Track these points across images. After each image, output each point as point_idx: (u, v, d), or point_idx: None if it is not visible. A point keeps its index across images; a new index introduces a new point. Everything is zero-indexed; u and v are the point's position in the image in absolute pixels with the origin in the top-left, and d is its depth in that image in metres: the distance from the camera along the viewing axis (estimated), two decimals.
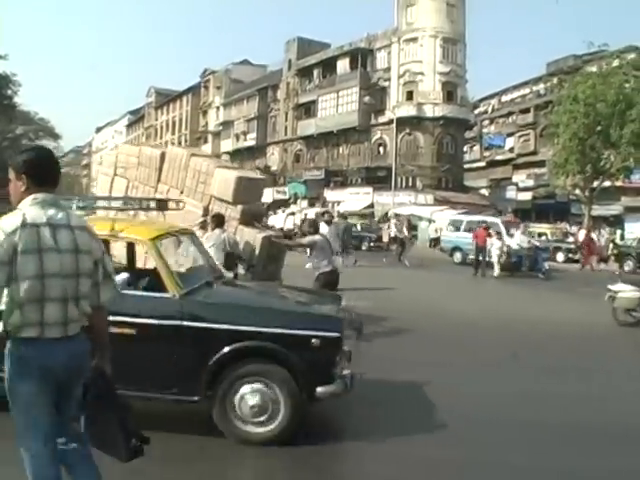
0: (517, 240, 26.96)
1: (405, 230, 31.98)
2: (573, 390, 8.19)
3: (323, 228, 14.88)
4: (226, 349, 5.78)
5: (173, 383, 5.88)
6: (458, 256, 31.70)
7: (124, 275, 5.96)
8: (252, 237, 10.87)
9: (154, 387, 5.91)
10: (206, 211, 10.98)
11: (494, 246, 25.67)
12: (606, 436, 6.42)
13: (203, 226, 10.67)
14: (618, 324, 13.98)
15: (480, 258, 26.05)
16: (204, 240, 9.65)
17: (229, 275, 9.77)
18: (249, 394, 5.79)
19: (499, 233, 26.95)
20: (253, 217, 11.41)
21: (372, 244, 39.07)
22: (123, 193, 12.02)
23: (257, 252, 10.76)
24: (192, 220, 10.57)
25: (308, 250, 12.40)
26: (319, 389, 5.86)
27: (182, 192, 11.37)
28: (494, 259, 25.58)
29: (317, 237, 11.08)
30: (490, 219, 32.32)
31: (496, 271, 25.38)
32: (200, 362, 5.79)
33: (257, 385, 5.80)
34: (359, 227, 41.68)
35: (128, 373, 5.27)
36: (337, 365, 6.08)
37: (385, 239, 36.00)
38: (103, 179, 13.08)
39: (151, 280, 6.42)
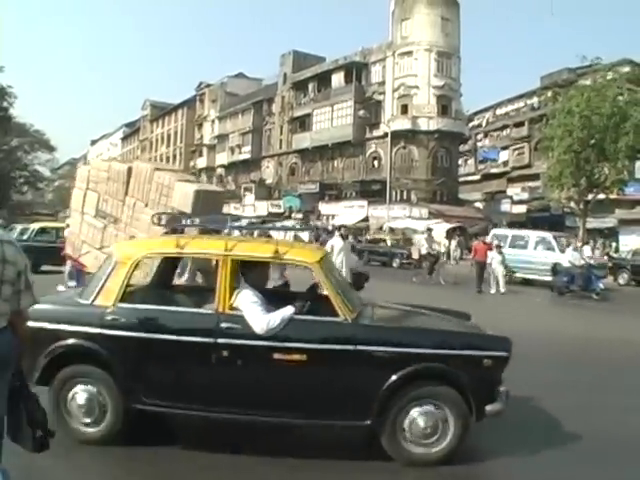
0: (569, 257, 24.53)
1: (436, 245, 30.18)
2: None
3: (337, 242, 15.35)
4: (401, 372, 5.76)
5: (345, 408, 5.86)
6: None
7: (290, 309, 5.83)
8: None
9: (325, 414, 5.95)
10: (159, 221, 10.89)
11: (494, 260, 24.40)
12: None
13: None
14: None
15: (486, 274, 24.86)
16: None
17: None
18: (420, 416, 5.80)
19: (499, 247, 25.64)
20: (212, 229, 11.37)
21: (404, 261, 37.10)
22: (94, 206, 12.54)
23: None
24: (155, 232, 10.46)
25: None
26: (488, 407, 5.90)
27: (147, 205, 11.79)
28: (497, 274, 24.38)
29: None
30: (540, 234, 30.69)
31: (501, 287, 24.07)
32: (374, 385, 5.75)
33: (428, 407, 5.81)
34: (389, 243, 41.53)
35: (298, 401, 5.89)
36: (501, 383, 6.11)
37: (415, 255, 33.20)
38: (77, 193, 13.32)
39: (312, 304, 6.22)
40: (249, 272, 6.21)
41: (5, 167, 78.03)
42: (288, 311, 5.79)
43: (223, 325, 5.84)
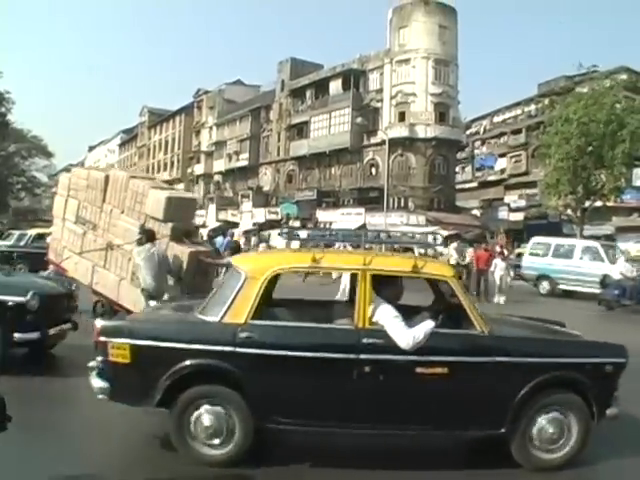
0: (620, 268, 23.08)
1: (468, 255, 26.22)
2: None
3: None
4: (533, 381, 6.04)
5: (483, 418, 6.12)
6: (545, 285, 28.07)
7: (431, 323, 5.98)
8: (180, 252, 11.76)
9: (464, 424, 6.21)
10: (142, 228, 11.66)
11: (498, 267, 23.36)
12: None
13: (140, 242, 11.24)
14: None
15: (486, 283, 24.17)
16: (135, 254, 11.15)
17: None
18: (548, 423, 6.13)
19: (502, 253, 24.87)
20: (183, 234, 12.35)
21: None
22: (75, 213, 13.48)
23: (184, 266, 11.61)
24: (130, 237, 11.83)
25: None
26: (608, 411, 6.27)
27: (123, 211, 12.63)
28: (497, 283, 23.34)
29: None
30: (587, 243, 29.40)
31: (501, 297, 23.06)
32: (509, 395, 6.02)
33: (554, 414, 6.15)
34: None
35: (439, 414, 6.11)
36: (618, 389, 6.47)
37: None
38: (58, 200, 14.34)
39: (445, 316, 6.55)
40: (384, 287, 6.27)
41: (2, 173, 78.09)
42: (429, 325, 5.91)
43: (365, 341, 5.91)
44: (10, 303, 8.23)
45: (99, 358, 6.04)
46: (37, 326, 8.69)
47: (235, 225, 65.86)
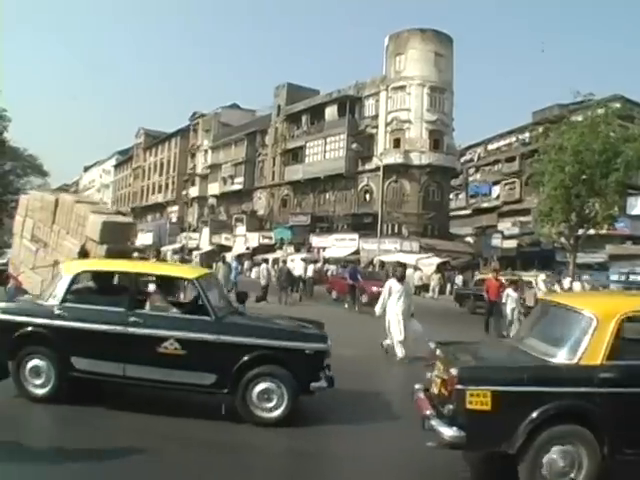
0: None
1: (558, 287, 23.97)
2: None
3: (395, 285, 14.73)
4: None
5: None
6: None
7: None
8: None
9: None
10: (82, 249, 13.10)
11: (510, 299, 20.20)
12: None
13: None
14: None
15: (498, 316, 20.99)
16: None
17: None
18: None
19: (515, 282, 21.77)
20: (118, 255, 12.84)
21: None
22: (30, 231, 14.81)
23: None
24: (73, 256, 12.90)
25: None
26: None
27: (68, 232, 14.03)
28: (509, 316, 20.15)
29: None
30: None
31: (512, 331, 19.17)
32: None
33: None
34: (458, 280, 39.03)
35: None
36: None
37: (530, 302, 24.05)
38: (18, 219, 15.64)
39: None
40: None
41: None
42: None
43: None
44: (307, 351, 8.51)
45: (450, 406, 6.23)
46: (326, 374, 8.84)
47: (228, 249, 65.86)
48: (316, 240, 62.30)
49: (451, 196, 64.86)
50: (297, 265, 35.99)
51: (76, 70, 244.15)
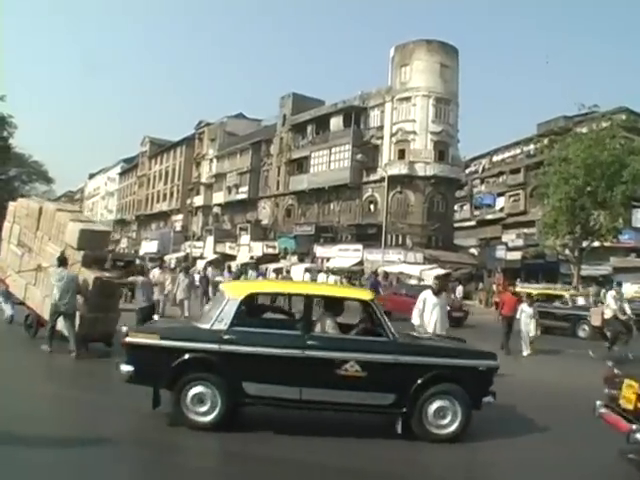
0: None
1: (627, 307, 20.13)
2: None
3: (430, 297, 13.55)
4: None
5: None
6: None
7: None
8: (87, 277, 13.92)
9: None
10: (62, 255, 13.90)
11: (524, 314, 19.42)
12: None
13: (58, 266, 13.57)
14: None
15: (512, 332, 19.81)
16: (50, 275, 13.65)
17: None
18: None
19: (531, 296, 21.01)
20: (94, 261, 14.64)
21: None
22: (17, 237, 15.85)
23: (90, 288, 13.80)
24: (54, 261, 13.82)
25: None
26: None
27: (50, 238, 14.99)
28: (524, 333, 19.36)
29: (139, 278, 15.48)
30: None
31: (525, 349, 19.38)
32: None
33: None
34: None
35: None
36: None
37: (596, 322, 22.13)
38: (6, 225, 16.60)
39: None
40: None
41: (2, 196, 78.15)
42: None
43: None
44: (481, 368, 8.86)
45: None
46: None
47: (232, 258, 65.84)
48: (320, 250, 62.24)
49: (456, 207, 64.83)
50: (298, 275, 36.05)
51: (82, 77, 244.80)
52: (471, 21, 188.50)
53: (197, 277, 30.49)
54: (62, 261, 13.57)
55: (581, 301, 27.85)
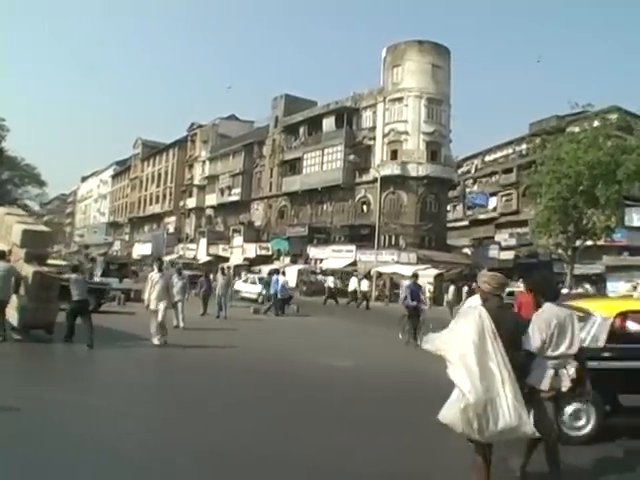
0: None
1: None
2: None
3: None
4: None
5: None
6: None
7: None
8: (27, 271, 15.18)
9: None
10: (9, 252, 15.67)
11: None
12: None
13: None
14: None
15: None
16: None
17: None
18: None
19: None
20: (36, 257, 16.00)
21: None
22: None
23: (30, 281, 14.99)
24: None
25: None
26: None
27: None
28: None
29: (72, 275, 15.61)
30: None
31: None
32: None
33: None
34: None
35: None
36: None
37: None
38: None
39: None
40: None
41: None
42: None
43: None
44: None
45: None
46: None
47: (225, 260, 65.82)
48: (313, 251, 62.23)
49: (448, 207, 64.84)
50: (290, 277, 36.14)
51: (74, 79, 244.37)
52: (463, 21, 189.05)
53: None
54: (2, 255, 15.01)
55: None
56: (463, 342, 5.48)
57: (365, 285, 40.73)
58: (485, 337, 5.45)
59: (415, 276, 21.26)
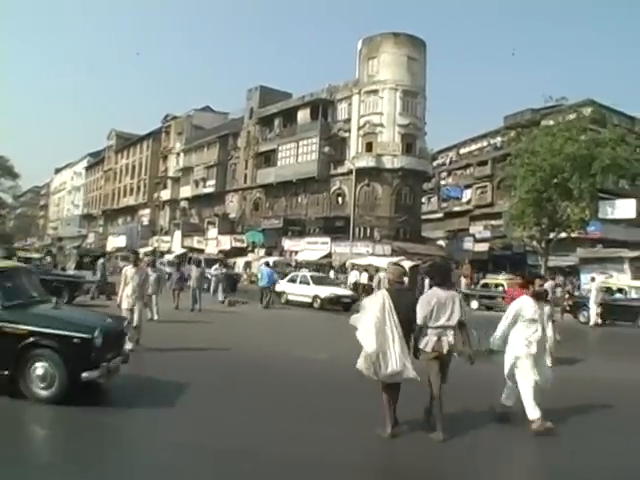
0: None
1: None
2: None
3: (528, 307, 9.18)
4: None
5: None
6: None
7: None
8: None
9: None
10: None
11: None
12: None
13: None
14: None
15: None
16: None
17: None
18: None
19: (545, 293, 14.97)
20: None
21: None
22: None
23: None
24: None
25: None
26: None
27: None
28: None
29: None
30: None
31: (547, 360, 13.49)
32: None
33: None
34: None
35: None
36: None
37: None
38: None
39: None
40: None
41: None
42: None
43: None
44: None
45: None
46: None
47: (200, 252, 65.54)
48: (288, 243, 62.16)
49: (423, 200, 64.99)
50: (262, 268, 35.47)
51: (47, 70, 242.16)
52: (439, 14, 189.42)
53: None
54: None
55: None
56: (368, 314, 7.85)
57: (365, 278, 40.44)
58: (384, 311, 7.73)
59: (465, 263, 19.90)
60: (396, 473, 7.10)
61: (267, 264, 34.46)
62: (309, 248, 58.56)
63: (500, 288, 34.90)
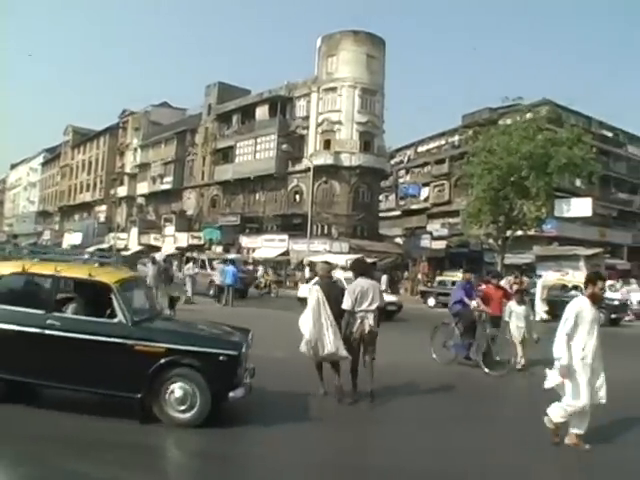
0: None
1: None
2: None
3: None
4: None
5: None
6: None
7: None
8: None
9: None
10: None
11: (514, 314, 14.41)
12: None
13: None
14: None
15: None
16: None
17: None
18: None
19: (521, 292, 15.88)
20: None
21: None
22: None
23: None
24: None
25: None
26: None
27: None
28: (516, 339, 14.25)
29: None
30: None
31: (519, 358, 14.13)
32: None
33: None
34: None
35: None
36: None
37: None
38: None
39: None
40: None
41: None
42: None
43: None
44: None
45: None
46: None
47: (157, 249, 64.96)
48: (246, 240, 61.90)
49: (381, 197, 65.13)
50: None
51: (2, 64, 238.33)
52: (399, 12, 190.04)
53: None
54: None
55: None
56: (307, 307, 9.89)
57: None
58: (319, 303, 9.69)
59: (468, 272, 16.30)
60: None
61: (232, 262, 34.18)
62: (267, 245, 58.34)
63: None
